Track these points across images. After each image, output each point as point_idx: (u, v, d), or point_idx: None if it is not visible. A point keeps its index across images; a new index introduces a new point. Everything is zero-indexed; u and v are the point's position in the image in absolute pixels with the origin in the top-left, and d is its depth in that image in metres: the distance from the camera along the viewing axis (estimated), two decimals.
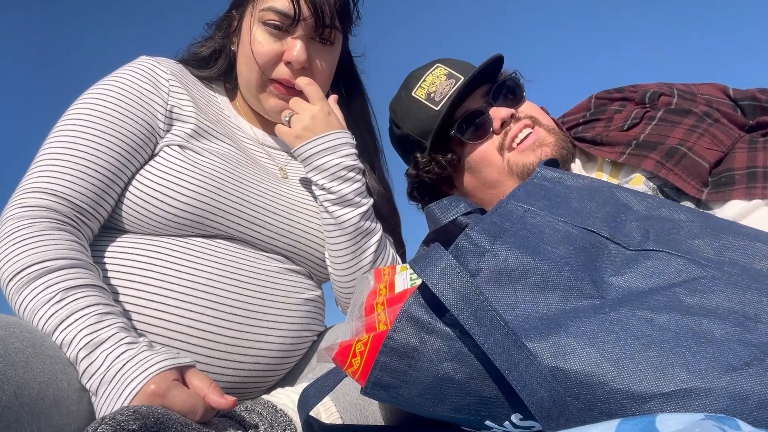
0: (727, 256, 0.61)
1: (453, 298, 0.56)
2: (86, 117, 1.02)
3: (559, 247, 0.62)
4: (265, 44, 1.12)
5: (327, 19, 1.13)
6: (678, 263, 0.60)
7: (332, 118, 1.15)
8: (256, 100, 1.19)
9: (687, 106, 1.31)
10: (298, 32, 1.12)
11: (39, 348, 0.78)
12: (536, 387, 0.52)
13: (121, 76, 1.09)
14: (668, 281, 0.58)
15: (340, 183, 1.12)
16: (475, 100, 1.32)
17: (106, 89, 1.06)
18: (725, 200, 1.10)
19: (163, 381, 0.78)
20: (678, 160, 1.16)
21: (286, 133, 1.15)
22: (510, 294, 0.60)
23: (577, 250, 0.62)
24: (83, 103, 1.05)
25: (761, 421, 0.45)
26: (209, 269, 0.99)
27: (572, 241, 0.64)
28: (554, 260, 0.60)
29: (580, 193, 0.71)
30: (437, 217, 0.81)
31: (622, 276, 0.60)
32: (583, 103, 1.50)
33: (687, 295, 0.56)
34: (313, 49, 1.15)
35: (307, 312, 1.09)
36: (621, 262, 0.61)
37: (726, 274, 0.58)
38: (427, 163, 1.37)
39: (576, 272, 0.60)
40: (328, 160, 1.12)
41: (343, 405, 0.79)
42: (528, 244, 0.63)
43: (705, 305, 0.55)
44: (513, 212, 0.68)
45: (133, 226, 1.02)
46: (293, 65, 1.12)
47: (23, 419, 0.70)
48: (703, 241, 0.63)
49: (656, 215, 0.67)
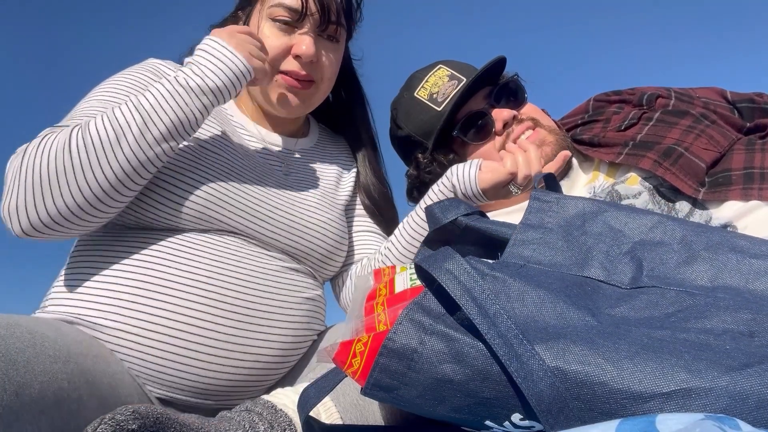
0: (720, 282, 0.61)
1: (458, 290, 0.56)
2: (92, 108, 1.04)
3: (556, 282, 0.63)
4: (274, 39, 1.14)
5: (333, 16, 1.16)
6: (671, 296, 0.60)
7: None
8: (264, 93, 1.20)
9: (684, 107, 1.32)
10: (305, 27, 1.15)
11: (40, 348, 0.78)
12: (537, 380, 0.52)
13: (129, 72, 1.12)
14: (663, 312, 0.59)
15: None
16: (477, 101, 1.33)
17: (113, 83, 1.10)
18: (722, 200, 1.10)
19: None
20: (675, 160, 1.16)
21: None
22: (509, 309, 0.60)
23: (573, 285, 0.63)
24: (89, 95, 1.09)
25: (761, 421, 0.45)
26: (210, 267, 1.00)
27: (568, 280, 0.64)
28: (552, 289, 0.61)
29: (573, 225, 0.71)
30: (437, 217, 0.81)
31: (617, 308, 0.60)
32: (581, 105, 1.51)
33: (682, 322, 0.56)
34: (320, 45, 1.17)
35: (308, 311, 1.10)
36: (616, 298, 0.62)
37: (719, 300, 0.58)
38: (428, 163, 1.38)
39: (573, 299, 0.60)
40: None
41: (343, 405, 0.79)
42: (526, 278, 0.63)
43: (700, 328, 0.55)
44: (510, 265, 0.69)
45: (135, 219, 1.03)
46: (302, 58, 1.14)
47: (24, 419, 0.70)
48: (697, 266, 0.63)
49: (649, 240, 0.67)
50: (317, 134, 1.37)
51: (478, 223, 0.78)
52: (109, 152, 0.92)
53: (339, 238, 1.21)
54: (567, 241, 0.69)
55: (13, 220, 0.93)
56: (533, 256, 0.69)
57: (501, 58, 1.33)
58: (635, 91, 1.44)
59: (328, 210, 1.21)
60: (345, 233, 1.24)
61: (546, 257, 0.68)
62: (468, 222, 0.79)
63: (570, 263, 0.67)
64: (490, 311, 0.56)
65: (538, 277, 0.64)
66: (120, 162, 0.93)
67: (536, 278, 0.64)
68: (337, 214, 1.23)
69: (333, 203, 1.25)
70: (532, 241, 0.70)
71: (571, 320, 0.58)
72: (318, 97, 1.23)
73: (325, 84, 1.22)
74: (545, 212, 0.73)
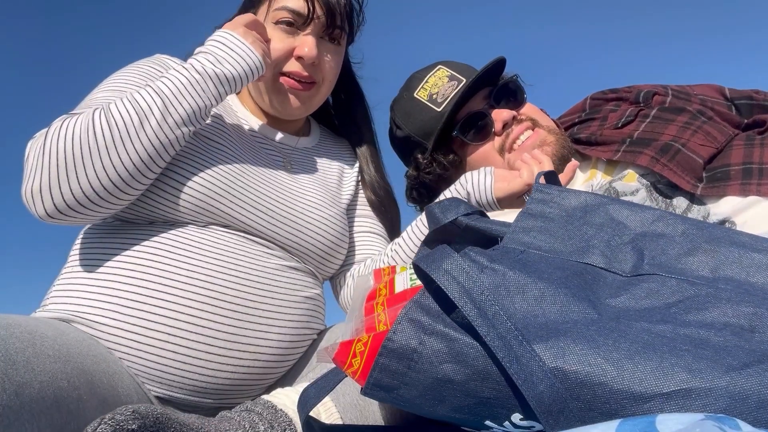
0: (722, 273, 0.61)
1: (457, 292, 0.56)
2: (98, 99, 1.05)
3: (556, 272, 0.63)
4: (278, 42, 1.16)
5: (338, 20, 1.17)
6: (672, 284, 0.60)
7: None
8: (265, 94, 1.21)
9: (681, 104, 1.33)
10: (309, 30, 1.16)
11: (39, 348, 0.78)
12: (537, 381, 0.52)
13: (140, 65, 1.14)
14: (664, 302, 0.59)
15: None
16: (477, 101, 1.33)
17: (126, 72, 1.12)
18: (720, 196, 1.10)
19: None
20: (672, 156, 1.17)
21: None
22: (509, 305, 0.60)
23: (573, 274, 0.63)
24: (101, 86, 1.10)
25: (761, 421, 0.46)
26: (209, 264, 1.00)
27: (568, 269, 0.64)
28: (552, 281, 0.61)
29: (574, 216, 0.71)
30: (437, 216, 0.81)
31: (618, 298, 0.60)
32: (578, 104, 1.51)
33: (682, 313, 0.56)
34: (322, 47, 1.19)
35: (307, 310, 1.10)
36: (617, 287, 0.62)
37: (720, 291, 0.58)
38: (428, 163, 1.38)
39: (573, 290, 0.60)
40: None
41: (343, 405, 0.79)
42: (526, 267, 0.63)
43: (700, 321, 0.55)
44: (510, 251, 0.69)
45: (133, 213, 1.03)
46: (305, 60, 1.16)
47: (24, 419, 0.70)
48: (698, 258, 0.63)
49: (651, 232, 0.67)
50: (319, 134, 1.38)
51: (478, 223, 0.78)
52: (133, 134, 0.94)
53: (340, 236, 1.21)
54: (567, 230, 0.69)
55: (36, 201, 0.93)
56: (533, 242, 0.69)
57: (501, 59, 1.34)
58: (632, 89, 1.44)
59: (330, 207, 1.21)
60: (346, 231, 1.25)
61: (546, 243, 0.68)
62: (468, 222, 0.79)
63: (570, 250, 0.67)
64: (489, 312, 0.55)
65: (537, 265, 0.64)
66: (144, 144, 0.95)
67: (536, 266, 0.64)
68: (338, 211, 1.23)
69: (335, 201, 1.25)
70: (532, 228, 0.70)
71: (572, 314, 0.58)
72: (318, 98, 1.24)
73: (326, 86, 1.23)
74: (546, 203, 0.73)
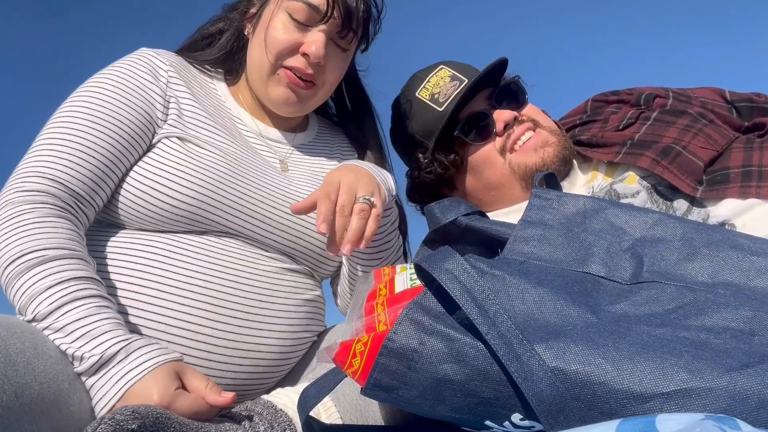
0: (721, 277, 0.61)
1: (458, 290, 0.57)
2: (85, 104, 1.03)
3: (556, 279, 0.63)
4: (286, 32, 1.12)
5: (353, 23, 1.14)
6: (672, 291, 0.60)
7: None
8: (263, 84, 1.18)
9: (682, 107, 1.33)
10: (321, 28, 1.12)
11: (40, 348, 0.77)
12: (537, 380, 0.52)
13: (121, 66, 1.10)
14: (663, 308, 0.59)
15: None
16: (478, 102, 1.33)
17: (105, 78, 1.08)
18: (719, 198, 1.10)
19: (166, 392, 0.79)
20: (673, 158, 1.17)
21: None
22: (509, 307, 0.60)
23: (574, 282, 0.63)
24: (82, 91, 1.06)
25: (761, 421, 0.46)
26: (208, 270, 0.99)
27: (569, 277, 0.64)
28: (552, 287, 0.61)
29: (573, 222, 0.71)
30: (437, 216, 0.81)
31: (618, 305, 0.60)
32: (580, 106, 1.51)
33: (682, 318, 0.56)
34: (329, 49, 1.15)
35: (307, 312, 1.09)
36: (617, 294, 0.62)
37: (720, 296, 0.58)
38: (429, 163, 1.38)
39: (573, 296, 0.60)
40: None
41: (343, 405, 0.79)
42: (526, 275, 0.63)
43: (700, 325, 0.55)
44: (510, 262, 0.69)
45: (130, 221, 1.02)
46: (310, 58, 1.12)
47: (24, 420, 0.70)
48: (697, 263, 0.63)
49: (650, 236, 0.67)
50: (316, 127, 1.35)
51: (478, 223, 0.79)
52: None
53: None
54: (567, 237, 0.69)
55: None
56: (533, 252, 0.69)
57: (503, 59, 1.34)
58: (633, 91, 1.44)
59: None
60: None
61: (546, 253, 0.68)
62: (468, 222, 0.79)
63: (570, 259, 0.67)
64: (490, 311, 0.56)
65: (538, 274, 0.64)
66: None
67: (536, 275, 0.64)
68: None
69: None
70: (532, 237, 0.70)
71: (571, 318, 0.58)
72: (315, 101, 1.21)
73: (325, 90, 1.20)
74: (545, 209, 0.73)
